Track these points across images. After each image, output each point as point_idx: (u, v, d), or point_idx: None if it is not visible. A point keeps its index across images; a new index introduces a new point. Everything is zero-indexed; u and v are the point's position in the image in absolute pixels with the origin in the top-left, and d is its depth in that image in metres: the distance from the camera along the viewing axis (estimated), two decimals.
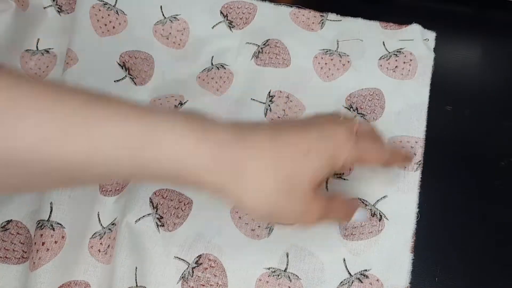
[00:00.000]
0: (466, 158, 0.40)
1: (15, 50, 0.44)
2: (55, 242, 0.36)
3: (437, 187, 0.39)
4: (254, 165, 0.25)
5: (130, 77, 0.43)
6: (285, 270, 0.36)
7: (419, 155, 0.38)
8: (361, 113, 0.40)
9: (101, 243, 0.37)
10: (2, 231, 0.38)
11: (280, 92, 0.41)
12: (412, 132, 0.39)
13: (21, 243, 0.37)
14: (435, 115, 0.42)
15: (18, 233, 0.37)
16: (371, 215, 0.36)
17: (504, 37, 0.45)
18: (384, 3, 0.48)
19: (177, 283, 0.35)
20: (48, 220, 0.37)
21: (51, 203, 0.37)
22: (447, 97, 0.42)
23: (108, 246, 0.37)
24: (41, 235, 0.36)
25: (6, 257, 0.37)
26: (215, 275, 0.35)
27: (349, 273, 0.35)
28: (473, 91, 0.43)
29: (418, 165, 0.38)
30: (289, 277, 0.35)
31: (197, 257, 0.36)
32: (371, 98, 0.40)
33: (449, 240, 0.37)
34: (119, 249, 0.36)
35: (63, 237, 0.37)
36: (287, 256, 0.36)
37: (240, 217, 0.37)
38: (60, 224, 0.37)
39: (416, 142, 0.39)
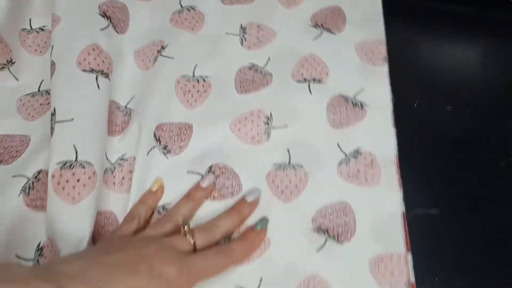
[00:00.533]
0: (466, 158, 0.40)
1: (13, 30, 0.46)
2: (89, 178, 0.38)
3: (437, 187, 0.39)
4: None
5: (112, 25, 0.45)
6: (289, 163, 0.40)
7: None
8: (327, 28, 0.44)
9: (114, 176, 0.40)
10: (35, 181, 0.38)
11: (251, 23, 0.45)
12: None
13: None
14: (435, 115, 0.42)
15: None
16: (353, 105, 0.41)
17: (504, 37, 0.46)
18: (384, 4, 0.48)
19: None
20: (76, 160, 0.38)
21: (74, 145, 0.38)
22: (447, 97, 0.43)
23: (123, 178, 0.40)
24: (73, 173, 0.37)
25: (42, 205, 0.38)
26: (229, 179, 0.39)
27: (345, 154, 0.40)
28: (473, 91, 0.43)
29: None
30: (293, 167, 0.39)
31: (208, 167, 0.40)
32: (332, 15, 0.42)
33: (449, 240, 0.37)
34: (135, 178, 0.40)
35: (94, 173, 0.38)
36: (288, 151, 0.40)
37: (239, 129, 0.41)
38: (89, 162, 0.38)
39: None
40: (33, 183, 0.38)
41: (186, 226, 0.34)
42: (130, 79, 0.44)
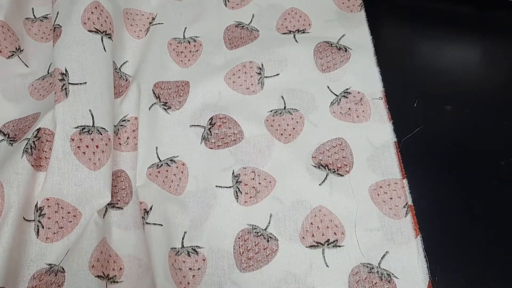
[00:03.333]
0: (466, 158, 0.40)
1: (18, 19, 0.48)
2: (106, 144, 0.39)
3: (437, 187, 0.39)
4: None
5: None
6: (284, 108, 0.43)
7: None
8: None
9: (118, 137, 0.42)
10: (36, 140, 0.38)
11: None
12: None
13: (51, 149, 0.39)
14: (435, 115, 0.42)
15: (47, 140, 0.39)
16: (337, 49, 0.44)
17: (504, 37, 0.46)
18: (384, 4, 0.48)
19: (200, 144, 0.41)
20: (93, 126, 0.39)
21: (90, 110, 0.39)
22: (447, 97, 0.43)
23: (127, 138, 0.42)
24: (92, 139, 0.39)
25: (46, 165, 0.39)
26: (230, 127, 0.42)
27: (335, 94, 0.43)
28: (473, 91, 0.43)
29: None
30: (289, 112, 0.42)
31: (209, 119, 0.42)
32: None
33: (449, 240, 0.37)
34: (140, 136, 0.42)
35: (109, 139, 0.40)
36: (282, 97, 0.43)
37: (234, 82, 0.43)
38: (104, 128, 0.40)
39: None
40: (34, 142, 0.38)
41: None
42: (122, 44, 0.47)
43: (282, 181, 0.39)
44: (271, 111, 0.42)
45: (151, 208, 0.38)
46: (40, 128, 0.38)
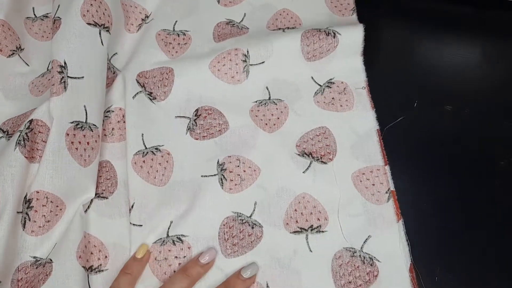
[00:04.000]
0: (466, 158, 0.40)
1: (19, 19, 0.48)
2: (95, 141, 0.40)
3: (437, 187, 0.39)
4: None
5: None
6: (269, 99, 0.43)
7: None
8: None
9: (104, 129, 0.42)
10: (28, 131, 0.38)
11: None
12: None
13: (43, 141, 0.39)
14: (435, 115, 0.42)
15: (39, 132, 0.39)
16: (326, 34, 0.43)
17: (504, 37, 0.46)
18: (384, 4, 0.48)
19: (186, 134, 0.42)
20: (86, 122, 0.40)
21: (84, 106, 0.40)
22: (447, 97, 0.43)
23: (112, 129, 0.42)
24: (84, 135, 0.39)
25: (39, 157, 0.39)
26: (215, 118, 0.42)
27: (319, 84, 0.44)
28: (473, 91, 0.43)
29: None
30: (274, 102, 0.43)
31: (195, 111, 0.43)
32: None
33: (449, 240, 0.37)
34: (129, 125, 0.42)
35: (98, 136, 0.40)
36: (267, 88, 0.44)
37: (218, 70, 0.43)
38: (95, 125, 0.40)
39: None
40: (26, 133, 0.38)
41: None
42: (115, 35, 0.46)
43: (266, 170, 0.40)
44: (256, 101, 0.43)
45: (132, 206, 0.39)
46: (32, 119, 0.38)
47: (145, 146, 0.41)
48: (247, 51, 0.43)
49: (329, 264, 0.36)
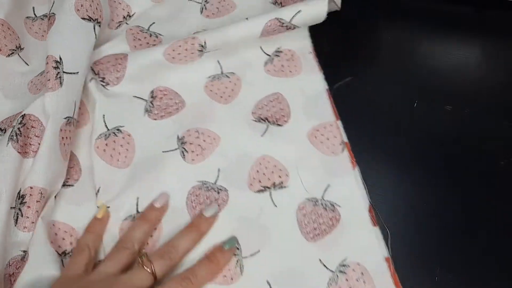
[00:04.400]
0: (466, 158, 0.40)
1: (19, 18, 0.48)
2: (73, 136, 0.41)
3: (436, 187, 0.39)
4: None
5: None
6: (221, 73, 0.45)
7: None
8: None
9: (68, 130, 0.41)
10: (21, 126, 0.38)
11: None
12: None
13: (36, 136, 0.38)
14: (435, 115, 0.42)
15: (32, 127, 0.39)
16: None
17: (504, 37, 0.46)
18: (384, 4, 0.48)
19: (144, 116, 0.42)
20: (73, 117, 0.40)
21: (75, 102, 0.40)
22: (447, 97, 0.43)
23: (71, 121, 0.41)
24: (70, 131, 0.40)
25: (32, 151, 0.39)
26: (171, 98, 0.43)
27: (268, 54, 0.45)
28: (473, 91, 0.43)
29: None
30: (226, 76, 0.44)
31: (150, 92, 0.43)
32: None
33: (448, 240, 0.37)
34: (89, 108, 0.43)
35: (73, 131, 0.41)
36: (219, 62, 0.45)
37: (173, 58, 0.43)
38: (76, 119, 0.41)
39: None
40: (19, 128, 0.38)
41: (143, 257, 0.34)
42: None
43: (225, 138, 0.41)
44: (209, 77, 0.44)
45: (98, 191, 0.39)
46: (25, 114, 0.38)
47: (107, 127, 0.42)
48: (204, 42, 0.43)
49: (294, 215, 0.37)
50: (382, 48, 0.47)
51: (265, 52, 0.45)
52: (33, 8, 0.50)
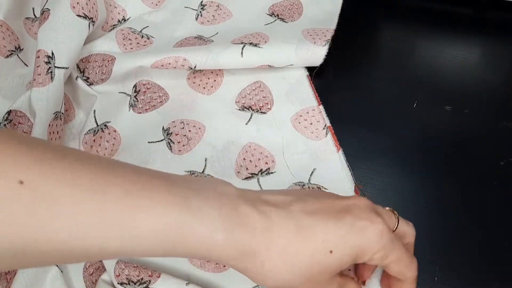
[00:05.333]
0: (466, 158, 0.40)
1: (18, 19, 0.48)
2: (62, 129, 0.41)
3: (436, 187, 0.39)
4: (274, 259, 0.26)
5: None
6: None
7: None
8: (281, 18, 0.46)
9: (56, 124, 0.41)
10: (7, 123, 0.38)
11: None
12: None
13: (24, 132, 0.39)
14: (435, 115, 0.42)
15: (19, 123, 0.39)
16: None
17: (503, 37, 0.46)
18: (384, 4, 0.48)
19: (129, 111, 0.43)
20: (60, 111, 0.40)
21: (63, 98, 0.40)
22: (447, 97, 0.43)
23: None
24: (57, 125, 0.40)
25: None
26: (155, 92, 0.44)
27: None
28: (473, 91, 0.43)
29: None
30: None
31: (133, 87, 0.44)
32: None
33: (448, 240, 0.37)
34: (74, 105, 0.44)
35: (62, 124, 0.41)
36: None
37: (161, 65, 0.42)
38: (63, 114, 0.41)
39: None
40: (5, 125, 0.38)
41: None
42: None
43: (211, 127, 0.42)
44: (190, 69, 0.43)
45: None
46: (11, 110, 0.38)
47: (96, 123, 0.42)
48: (195, 66, 0.43)
49: None
50: (382, 48, 0.47)
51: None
52: (33, 8, 0.50)
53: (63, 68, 0.40)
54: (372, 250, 0.27)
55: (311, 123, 0.41)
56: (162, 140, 0.41)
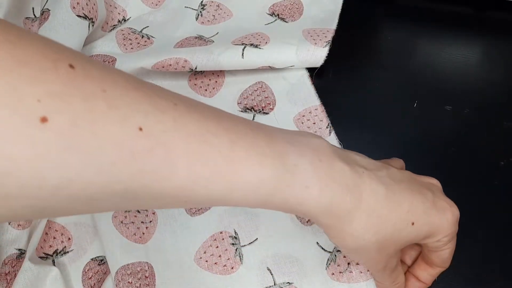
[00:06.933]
0: (466, 158, 0.40)
1: (18, 19, 0.48)
2: None
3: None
4: (362, 220, 0.26)
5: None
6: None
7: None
8: (281, 18, 0.46)
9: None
10: None
11: (212, 1, 0.45)
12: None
13: None
14: (435, 115, 0.42)
15: None
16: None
17: (504, 37, 0.46)
18: (384, 4, 0.48)
19: None
20: None
21: None
22: (447, 97, 0.43)
23: None
24: None
25: None
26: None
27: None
28: (473, 91, 0.43)
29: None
30: (211, 71, 0.45)
31: None
32: (291, 7, 0.46)
33: None
34: None
35: None
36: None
37: (162, 67, 0.42)
38: None
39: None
40: None
41: None
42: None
43: None
44: (191, 70, 0.43)
45: None
46: None
47: None
48: (195, 67, 0.43)
49: None
50: (382, 48, 0.47)
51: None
52: (33, 8, 0.50)
53: None
54: (445, 232, 0.28)
55: (314, 123, 0.41)
56: None
